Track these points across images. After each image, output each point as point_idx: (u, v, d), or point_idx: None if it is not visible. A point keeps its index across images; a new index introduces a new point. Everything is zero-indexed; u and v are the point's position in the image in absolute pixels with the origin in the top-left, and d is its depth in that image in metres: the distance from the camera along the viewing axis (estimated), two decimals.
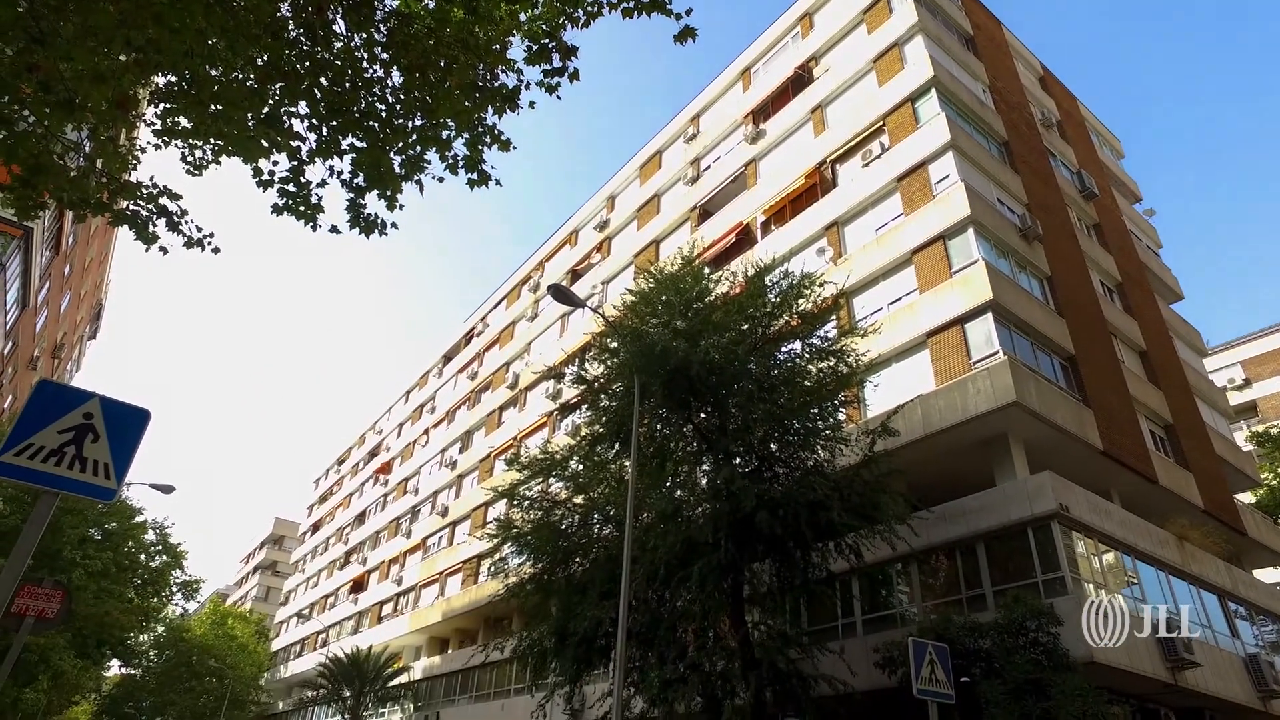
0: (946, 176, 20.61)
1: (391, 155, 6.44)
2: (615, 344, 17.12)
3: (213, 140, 6.32)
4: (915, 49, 23.31)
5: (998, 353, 17.52)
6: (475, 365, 45.98)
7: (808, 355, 16.64)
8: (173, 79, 5.95)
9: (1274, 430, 33.88)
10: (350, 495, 60.38)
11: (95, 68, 5.36)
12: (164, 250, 6.96)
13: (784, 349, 17.05)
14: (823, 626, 18.21)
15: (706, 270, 19.08)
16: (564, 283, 37.07)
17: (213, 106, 5.94)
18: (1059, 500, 15.43)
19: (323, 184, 6.73)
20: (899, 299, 20.39)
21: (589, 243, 37.85)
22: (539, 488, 19.61)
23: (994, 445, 17.72)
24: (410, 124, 6.38)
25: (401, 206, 6.83)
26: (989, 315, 18.10)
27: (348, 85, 6.13)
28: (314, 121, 6.26)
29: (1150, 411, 22.57)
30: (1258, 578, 22.34)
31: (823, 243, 23.28)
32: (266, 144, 6.20)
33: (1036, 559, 15.33)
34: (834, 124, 25.18)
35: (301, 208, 6.69)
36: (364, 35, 5.99)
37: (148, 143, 6.87)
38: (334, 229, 7.06)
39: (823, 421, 15.93)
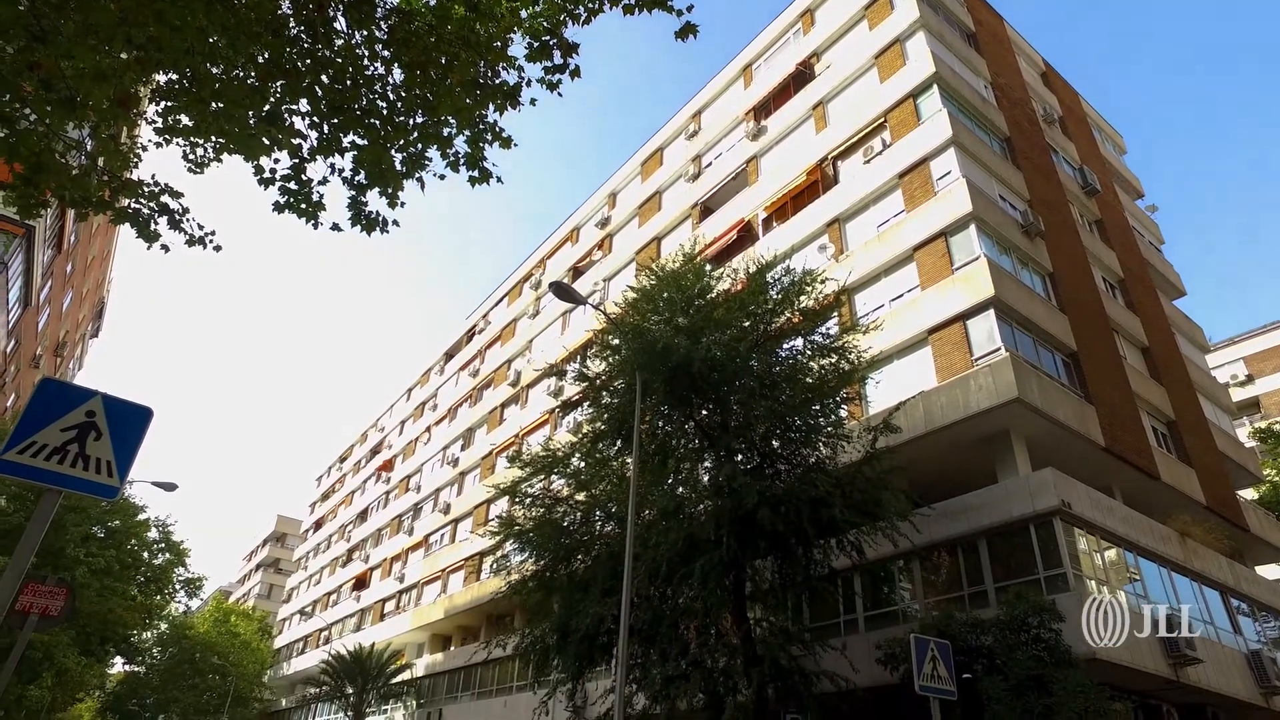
0: (948, 173, 20.58)
1: (393, 153, 6.44)
2: (617, 341, 17.12)
3: (214, 138, 6.32)
4: (917, 45, 23.26)
5: (999, 349, 17.51)
6: (477, 362, 46.01)
7: (809, 352, 16.65)
8: (174, 77, 5.95)
9: (1276, 426, 33.82)
10: (352, 493, 60.48)
11: (96, 66, 5.36)
12: (165, 248, 6.97)
13: (785, 346, 17.06)
14: (825, 623, 18.23)
15: (708, 267, 19.07)
16: (565, 280, 37.05)
17: (214, 104, 5.94)
18: (1061, 496, 15.42)
19: (324, 182, 6.74)
20: (901, 296, 20.37)
21: (590, 240, 37.84)
22: (541, 485, 19.62)
23: (996, 442, 17.71)
24: (411, 121, 6.38)
25: (403, 204, 6.83)
26: (991, 312, 18.08)
27: (349, 83, 6.12)
28: (315, 119, 6.26)
29: (1152, 408, 22.55)
30: (1260, 574, 22.32)
31: (824, 239, 23.26)
32: (268, 142, 6.20)
33: (1038, 555, 15.33)
34: (835, 120, 25.14)
35: (303, 205, 6.70)
36: (365, 33, 5.98)
37: (149, 141, 6.87)
38: (335, 227, 7.07)
39: (824, 418, 15.92)
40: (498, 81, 6.33)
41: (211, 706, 53.02)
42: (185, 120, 6.24)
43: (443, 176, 6.82)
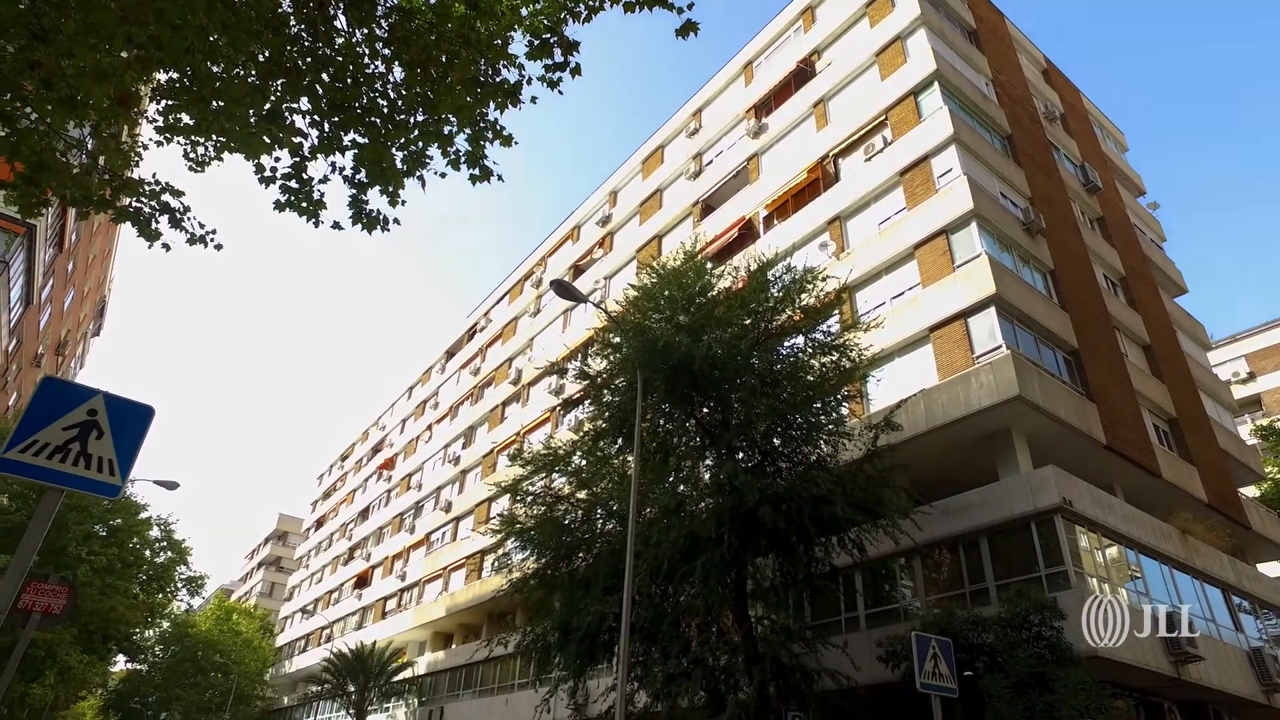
0: (949, 170, 20.56)
1: (393, 151, 6.44)
2: (618, 339, 17.12)
3: (214, 137, 6.32)
4: (918, 42, 23.24)
5: (1001, 347, 17.49)
6: (478, 361, 46.03)
7: (810, 350, 16.65)
8: (174, 75, 5.94)
9: (1278, 424, 33.80)
10: (354, 491, 60.54)
11: (97, 64, 5.36)
12: (166, 247, 6.97)
13: (786, 344, 17.05)
14: (826, 621, 18.24)
15: (709, 265, 19.06)
16: (566, 278, 37.06)
17: (214, 103, 5.93)
18: (1062, 494, 15.42)
19: (325, 180, 6.74)
20: (902, 293, 20.36)
21: (591, 238, 37.83)
22: (542, 483, 19.64)
23: (997, 439, 17.71)
24: (412, 120, 6.38)
25: (403, 202, 6.83)
26: (992, 309, 18.07)
27: (349, 81, 6.12)
28: (316, 118, 6.25)
29: (1154, 405, 22.53)
30: (1262, 572, 22.31)
31: (825, 237, 23.25)
32: (268, 140, 6.20)
33: (1040, 553, 15.32)
34: (836, 118, 25.12)
35: (304, 204, 6.70)
36: (365, 31, 5.98)
37: (150, 139, 6.87)
38: (336, 225, 7.07)
39: (825, 416, 15.92)
40: (498, 79, 6.32)
41: (214, 704, 53.13)
42: (186, 119, 6.24)
43: (444, 175, 6.82)
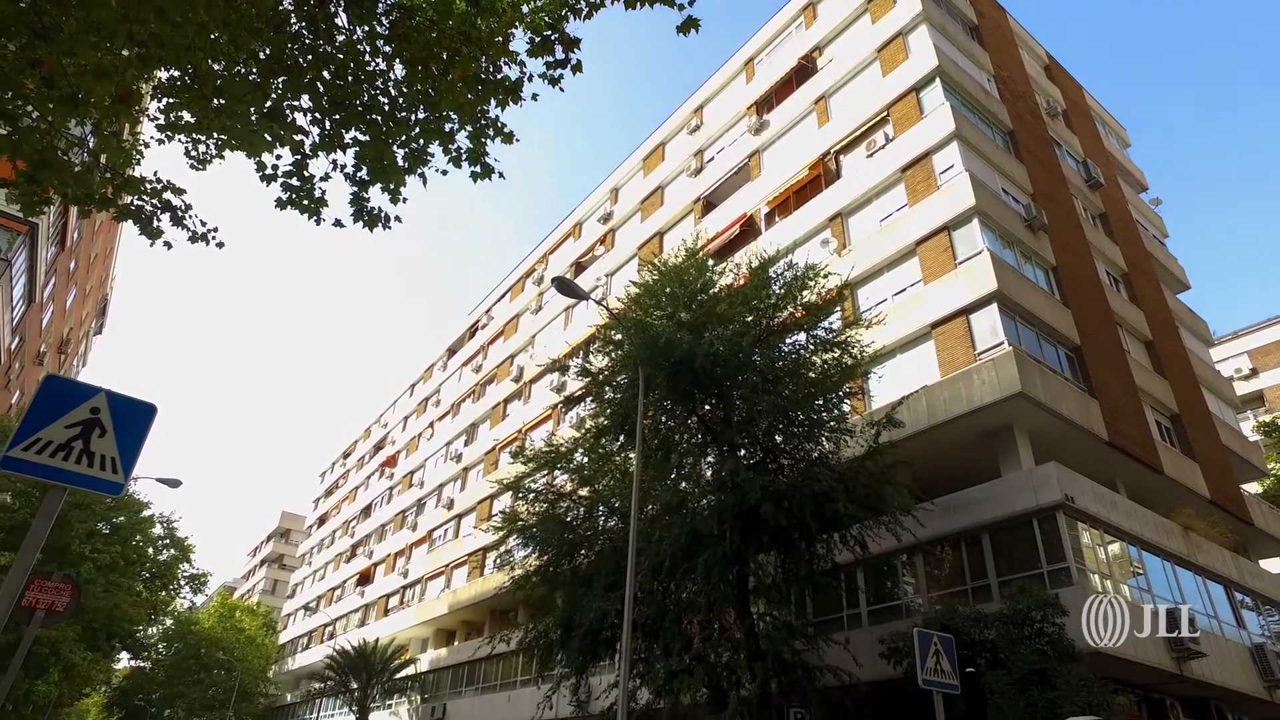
0: (951, 167, 20.53)
1: (394, 148, 6.44)
2: (619, 336, 17.11)
3: (216, 134, 6.32)
4: (919, 38, 23.18)
5: (1002, 343, 17.48)
6: (479, 358, 46.06)
7: (812, 347, 16.64)
8: (175, 73, 5.95)
9: None
10: (356, 489, 60.62)
11: (98, 63, 5.36)
12: (168, 245, 6.97)
13: (788, 341, 17.04)
14: (828, 618, 18.25)
15: (710, 262, 19.04)
16: (568, 275, 37.01)
17: (215, 101, 5.94)
18: (1064, 491, 15.41)
19: (326, 178, 6.74)
20: (903, 290, 20.34)
21: (593, 235, 37.82)
22: (544, 480, 19.65)
23: (999, 436, 17.69)
24: (413, 117, 6.38)
25: (405, 200, 6.84)
26: (994, 306, 18.05)
27: (350, 79, 6.12)
28: (317, 115, 6.26)
29: (1156, 402, 22.51)
30: (1264, 568, 22.32)
31: (827, 234, 23.22)
32: (269, 138, 6.20)
33: (1042, 550, 15.32)
34: (838, 115, 25.08)
35: (305, 202, 6.71)
36: (366, 28, 5.98)
37: (151, 137, 6.88)
38: (338, 223, 7.08)
39: (827, 413, 15.92)
40: (499, 77, 6.32)
41: (217, 701, 53.28)
42: (187, 117, 6.24)
43: (445, 172, 6.83)
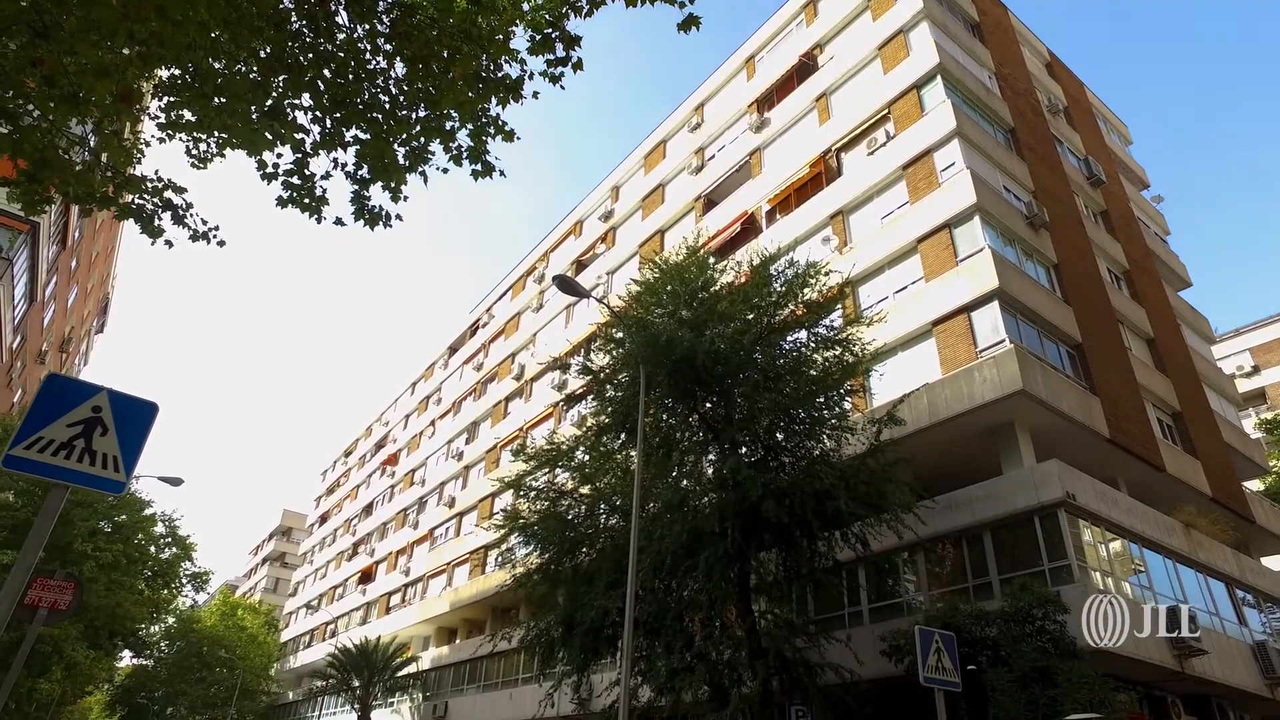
0: (952, 164, 20.50)
1: (395, 147, 6.44)
2: (620, 334, 17.11)
3: (217, 133, 6.33)
4: (920, 36, 23.14)
5: (1004, 341, 17.46)
6: (481, 356, 46.07)
7: (813, 344, 16.63)
8: (176, 72, 5.95)
9: None
10: (357, 487, 60.67)
11: (99, 61, 5.37)
12: (169, 244, 6.98)
13: (789, 338, 17.02)
14: (829, 615, 18.26)
15: (711, 260, 19.03)
16: (569, 273, 37.06)
17: (216, 99, 5.94)
18: (1066, 488, 15.40)
19: (327, 176, 6.75)
20: (905, 287, 20.33)
21: (594, 233, 37.80)
22: (545, 478, 19.66)
23: (1000, 434, 17.68)
24: (414, 115, 6.38)
25: (406, 198, 6.84)
26: (995, 303, 18.03)
27: (351, 77, 6.12)
28: (317, 114, 6.26)
29: (1158, 399, 22.49)
30: (1266, 565, 22.30)
31: (828, 231, 23.20)
32: (270, 136, 6.20)
33: (1043, 547, 15.31)
34: (839, 112, 25.05)
35: (306, 200, 6.71)
36: (366, 26, 5.98)
37: (152, 136, 6.89)
38: (339, 221, 7.08)
39: (828, 411, 15.91)
40: (500, 75, 6.32)
41: (219, 700, 53.38)
42: (188, 115, 6.24)
43: (445, 170, 6.83)
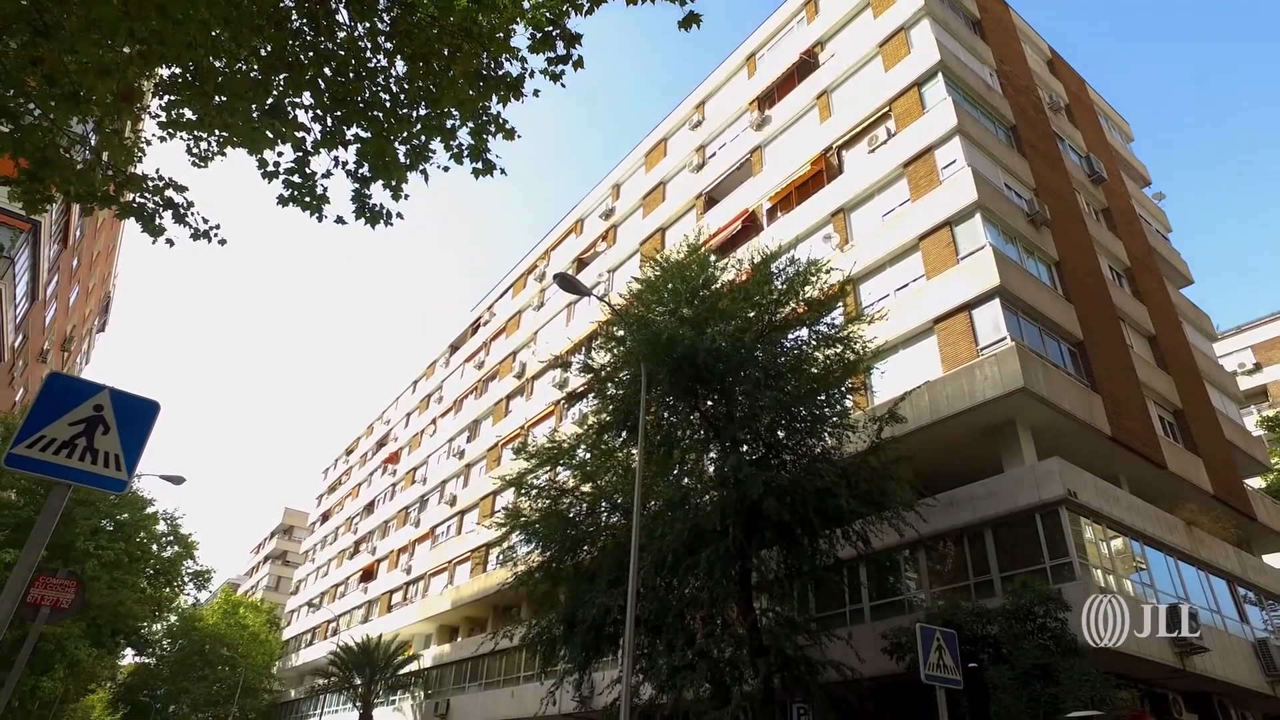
0: (953, 162, 20.47)
1: (396, 145, 6.44)
2: (622, 332, 17.11)
3: (217, 132, 6.33)
4: (921, 33, 23.10)
5: (1005, 338, 17.45)
6: (482, 355, 46.08)
7: (814, 342, 16.61)
8: (177, 71, 5.95)
9: None
10: (359, 485, 60.73)
11: (99, 60, 5.37)
12: (170, 242, 6.99)
13: (790, 336, 17.01)
14: (831, 613, 18.27)
15: (712, 258, 19.02)
16: (570, 271, 37.02)
17: (217, 98, 5.94)
18: (1067, 486, 15.39)
19: (328, 175, 6.75)
20: (906, 285, 20.31)
21: (595, 231, 37.79)
22: (547, 476, 19.67)
23: (1002, 431, 17.67)
24: (414, 113, 6.38)
25: (407, 196, 6.84)
26: (996, 301, 18.01)
27: (351, 75, 6.12)
28: (318, 112, 6.26)
29: (1159, 397, 22.47)
30: (1267, 563, 22.27)
31: (829, 229, 23.19)
32: (271, 135, 6.21)
33: (1044, 545, 15.31)
34: (840, 110, 25.02)
35: (307, 199, 6.72)
36: (367, 25, 5.97)
37: (153, 135, 6.90)
38: (340, 220, 7.09)
39: (830, 408, 15.91)
40: (500, 73, 6.31)
41: (221, 698, 53.48)
42: (189, 114, 6.25)
43: (446, 169, 6.83)
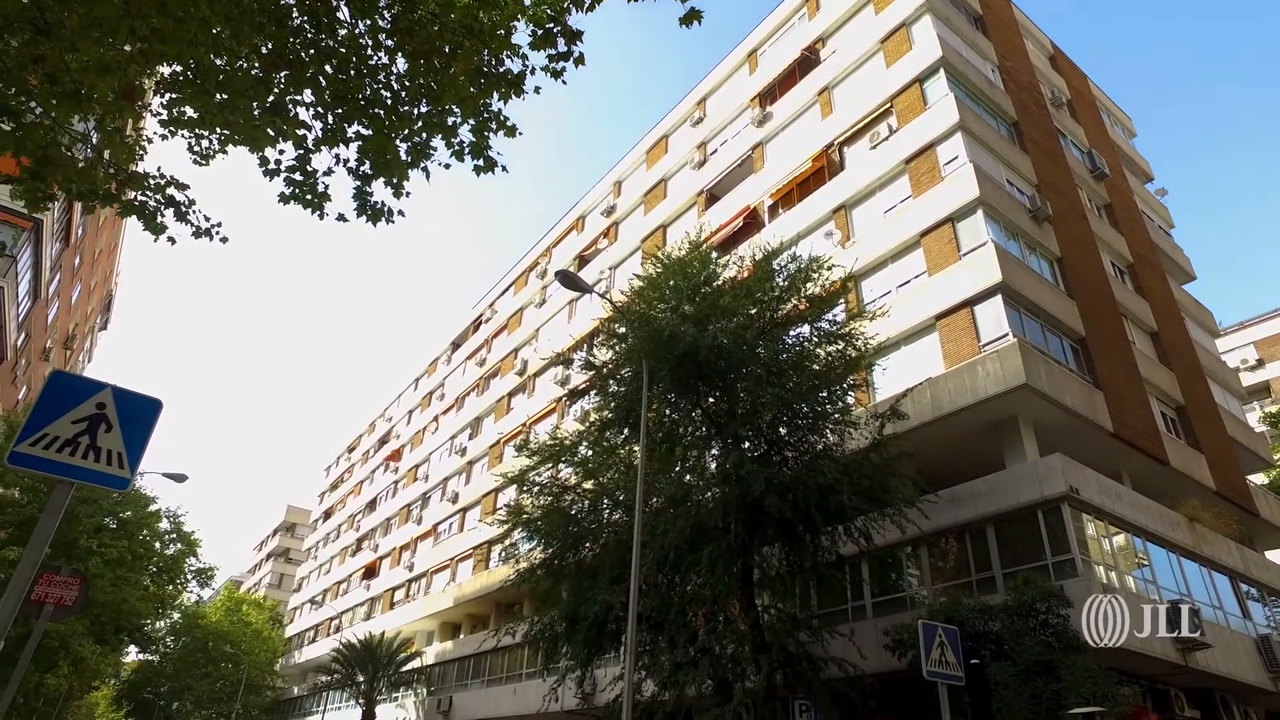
0: (955, 158, 20.43)
1: (397, 143, 6.44)
2: (623, 329, 17.11)
3: (219, 129, 6.33)
4: (923, 29, 23.04)
5: (1007, 335, 17.43)
6: (484, 352, 46.08)
7: (816, 339, 16.61)
8: (178, 68, 5.95)
9: None
10: (361, 482, 60.79)
11: (100, 58, 5.37)
12: (172, 240, 7.00)
13: (792, 333, 17.00)
14: (832, 610, 18.28)
15: (714, 255, 19.02)
16: (571, 269, 37.00)
17: (218, 96, 5.94)
18: (1069, 482, 15.38)
19: (329, 172, 6.75)
20: (908, 282, 20.29)
21: (596, 228, 37.78)
22: (548, 473, 19.68)
23: (1004, 428, 17.66)
24: (416, 111, 6.37)
25: (408, 194, 6.84)
26: (998, 297, 17.99)
27: (352, 73, 6.11)
28: (319, 110, 6.25)
29: (1161, 393, 22.44)
30: (1270, 559, 22.26)
31: (830, 226, 23.16)
32: (272, 133, 6.20)
33: (1046, 541, 15.31)
34: (841, 106, 24.97)
35: (308, 196, 6.72)
36: (368, 22, 5.97)
37: (154, 133, 6.90)
38: (341, 217, 7.09)
39: (831, 405, 15.90)
40: (502, 70, 6.31)
41: (224, 694, 53.67)
42: (190, 112, 6.25)
43: (448, 166, 6.83)
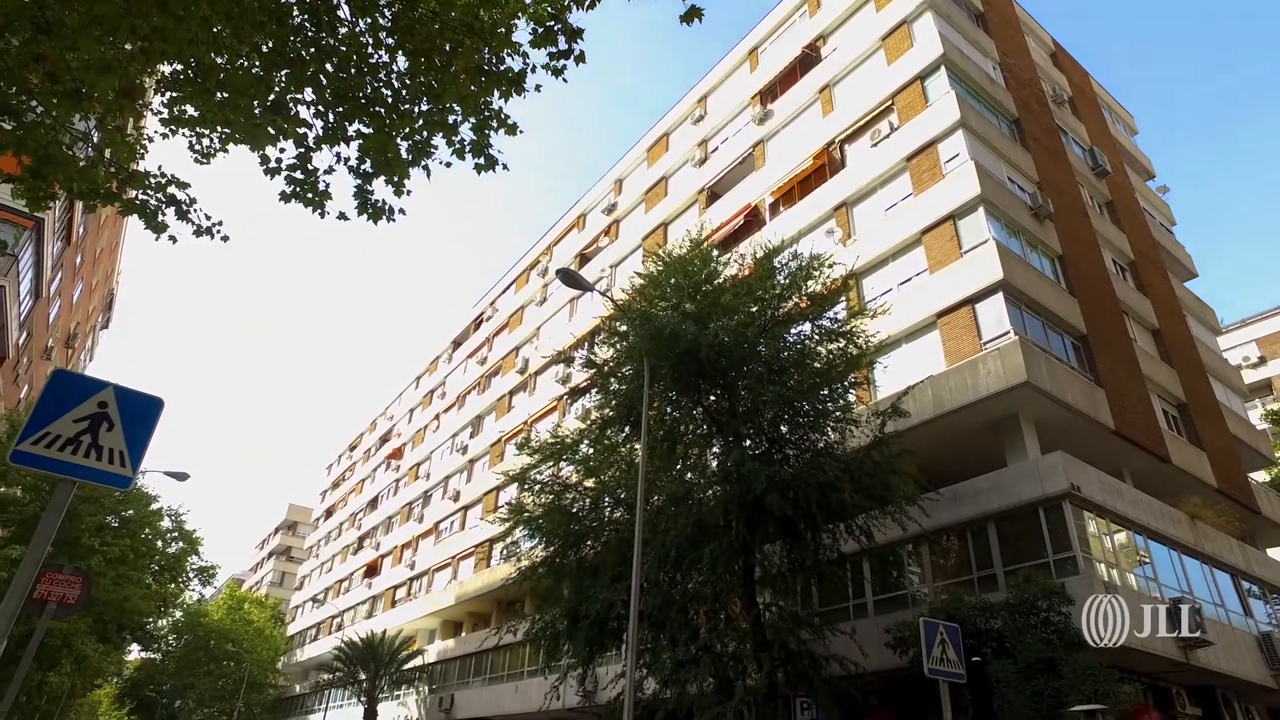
0: (956, 155, 20.41)
1: (398, 141, 6.44)
2: (624, 327, 17.11)
3: (219, 128, 6.33)
4: (924, 26, 23.00)
5: (1008, 333, 17.42)
6: (485, 350, 46.10)
7: (817, 337, 16.60)
8: (179, 67, 5.95)
9: None
10: (362, 481, 60.84)
11: (101, 57, 5.37)
12: (173, 239, 7.00)
13: (793, 331, 17.00)
14: (834, 607, 18.28)
15: (715, 253, 19.00)
16: (572, 267, 36.97)
17: (219, 94, 5.94)
18: (1070, 480, 15.37)
19: (330, 171, 6.75)
20: (909, 279, 20.27)
21: (597, 226, 37.76)
22: (550, 472, 19.68)
23: (1005, 425, 17.65)
24: (416, 109, 6.37)
25: (409, 192, 6.84)
26: (999, 295, 17.98)
27: (353, 71, 6.11)
28: (320, 108, 6.25)
29: (1163, 390, 22.42)
30: (1271, 556, 22.25)
31: (831, 224, 23.14)
32: (273, 131, 6.20)
33: (1048, 539, 15.30)
34: (842, 104, 24.94)
35: (309, 195, 6.72)
36: (369, 20, 5.97)
37: (155, 132, 6.90)
38: (342, 216, 7.09)
39: (833, 403, 15.90)
40: (502, 68, 6.31)
41: (226, 692, 53.77)
42: (191, 110, 6.25)
43: (449, 164, 6.82)
